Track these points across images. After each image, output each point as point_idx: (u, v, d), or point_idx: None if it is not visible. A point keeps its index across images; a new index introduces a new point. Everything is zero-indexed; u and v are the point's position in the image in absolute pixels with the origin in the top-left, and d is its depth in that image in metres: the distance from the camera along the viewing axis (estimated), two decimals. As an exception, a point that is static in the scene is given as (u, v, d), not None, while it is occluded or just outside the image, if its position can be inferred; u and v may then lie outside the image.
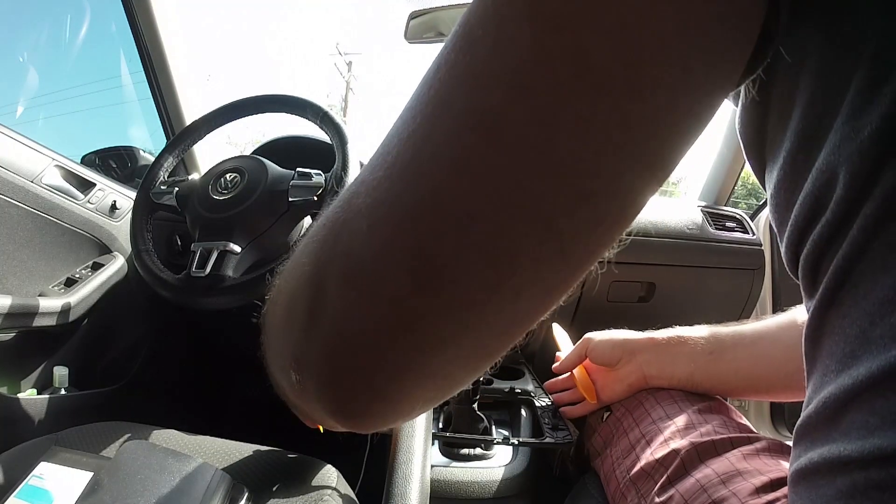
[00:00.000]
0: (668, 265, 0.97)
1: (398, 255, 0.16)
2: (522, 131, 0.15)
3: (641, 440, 0.50)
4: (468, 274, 0.16)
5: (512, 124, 0.15)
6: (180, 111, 1.04)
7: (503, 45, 0.15)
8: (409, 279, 0.16)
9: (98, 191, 0.90)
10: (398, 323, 0.17)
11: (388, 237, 0.17)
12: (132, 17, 0.97)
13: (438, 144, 0.16)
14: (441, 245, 0.16)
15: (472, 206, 0.16)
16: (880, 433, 0.17)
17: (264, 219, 0.71)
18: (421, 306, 0.17)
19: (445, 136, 0.16)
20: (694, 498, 0.40)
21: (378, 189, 0.17)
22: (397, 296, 0.17)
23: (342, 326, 0.18)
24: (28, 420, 0.77)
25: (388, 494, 0.44)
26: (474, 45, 0.16)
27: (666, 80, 0.15)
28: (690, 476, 0.42)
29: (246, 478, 0.53)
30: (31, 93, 1.11)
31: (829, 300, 0.20)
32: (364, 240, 0.17)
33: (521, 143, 0.15)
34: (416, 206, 0.16)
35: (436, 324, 0.17)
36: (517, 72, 0.15)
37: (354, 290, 0.17)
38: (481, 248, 0.16)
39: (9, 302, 0.73)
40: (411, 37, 0.89)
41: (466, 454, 0.63)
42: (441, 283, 0.16)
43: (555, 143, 0.15)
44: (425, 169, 0.16)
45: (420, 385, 0.19)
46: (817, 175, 0.19)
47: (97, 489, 0.43)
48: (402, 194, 0.16)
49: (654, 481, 0.45)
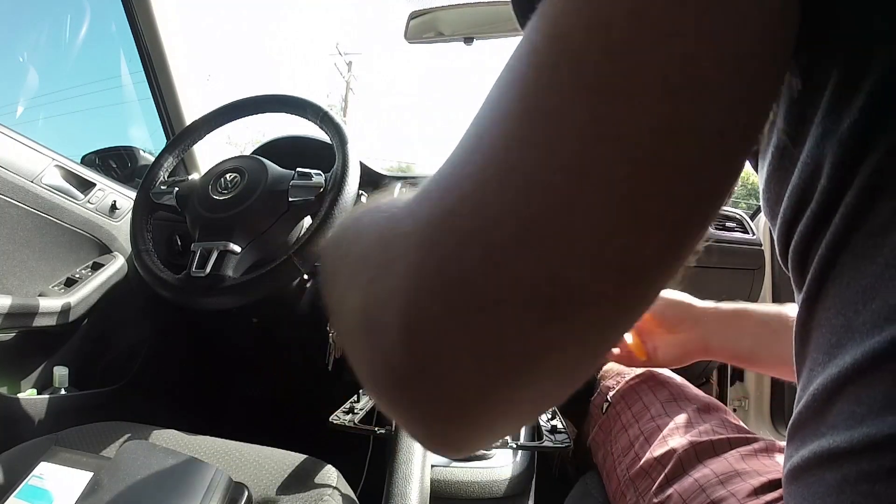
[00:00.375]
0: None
1: (527, 285, 0.14)
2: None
3: (640, 437, 0.50)
4: (604, 296, 0.14)
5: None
6: (180, 111, 1.05)
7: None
8: (542, 310, 0.14)
9: (98, 191, 0.90)
10: (523, 364, 0.15)
11: (511, 263, 0.14)
12: (132, 17, 0.97)
13: (570, 152, 0.14)
14: (580, 267, 0.14)
15: (609, 220, 0.14)
16: (868, 422, 0.17)
17: (264, 219, 0.71)
18: (553, 337, 0.14)
19: (579, 143, 0.14)
20: (692, 498, 0.40)
21: (489, 207, 0.14)
22: (524, 330, 0.14)
23: (450, 381, 0.15)
24: (28, 420, 0.77)
25: (388, 494, 0.44)
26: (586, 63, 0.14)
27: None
28: (689, 476, 0.42)
29: (246, 478, 0.53)
30: (31, 93, 1.11)
31: (816, 292, 0.20)
32: (479, 268, 0.14)
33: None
34: (547, 226, 0.14)
35: (564, 352, 0.15)
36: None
37: (468, 330, 0.14)
38: (618, 266, 0.14)
39: (9, 302, 0.73)
40: (411, 37, 0.89)
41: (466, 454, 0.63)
42: (577, 307, 0.14)
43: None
44: (555, 180, 0.14)
45: (526, 413, 0.18)
46: (803, 168, 0.20)
47: (97, 489, 0.43)
48: (524, 212, 0.14)
49: (652, 480, 0.45)
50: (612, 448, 0.53)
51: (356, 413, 0.64)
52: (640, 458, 0.48)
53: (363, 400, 0.68)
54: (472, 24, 0.87)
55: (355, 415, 0.63)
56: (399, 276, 0.16)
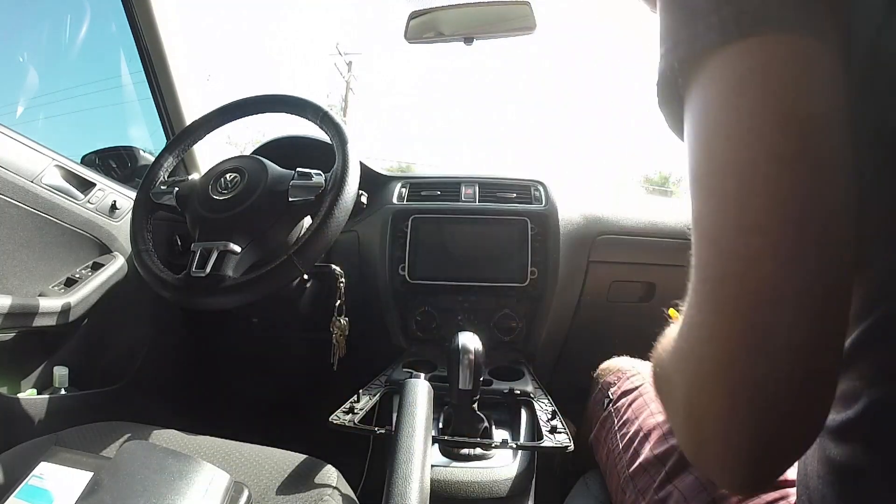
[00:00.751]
0: (668, 265, 0.97)
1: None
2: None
3: (640, 434, 0.50)
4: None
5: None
6: (180, 111, 1.04)
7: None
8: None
9: (98, 191, 0.90)
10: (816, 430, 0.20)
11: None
12: (132, 17, 0.97)
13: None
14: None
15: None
16: (839, 410, 0.22)
17: (264, 219, 0.71)
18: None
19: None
20: (694, 496, 0.40)
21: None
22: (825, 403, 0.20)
23: (782, 455, 0.20)
24: (28, 420, 0.77)
25: (388, 494, 0.44)
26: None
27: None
28: (690, 474, 0.42)
29: (246, 478, 0.53)
30: (31, 93, 1.11)
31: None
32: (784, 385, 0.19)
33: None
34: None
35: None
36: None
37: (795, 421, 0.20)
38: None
39: (9, 302, 0.73)
40: (411, 37, 0.89)
41: (466, 454, 0.63)
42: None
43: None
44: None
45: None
46: None
47: (97, 489, 0.43)
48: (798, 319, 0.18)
49: (652, 478, 0.45)
50: (613, 445, 0.53)
51: (356, 413, 0.64)
52: (641, 455, 0.48)
53: (363, 400, 0.68)
54: (472, 24, 0.87)
55: (355, 415, 0.63)
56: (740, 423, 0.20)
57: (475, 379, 0.62)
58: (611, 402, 0.59)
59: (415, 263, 0.93)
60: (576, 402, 0.76)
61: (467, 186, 1.01)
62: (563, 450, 0.57)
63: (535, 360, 0.94)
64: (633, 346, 0.76)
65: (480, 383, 0.64)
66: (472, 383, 0.62)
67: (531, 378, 0.79)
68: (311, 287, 0.90)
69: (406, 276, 0.93)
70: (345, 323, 0.81)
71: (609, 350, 0.75)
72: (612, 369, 0.67)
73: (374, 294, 0.96)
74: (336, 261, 0.90)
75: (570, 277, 0.96)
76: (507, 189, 1.00)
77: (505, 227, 0.94)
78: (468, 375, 0.61)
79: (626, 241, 0.96)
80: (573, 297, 0.99)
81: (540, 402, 0.70)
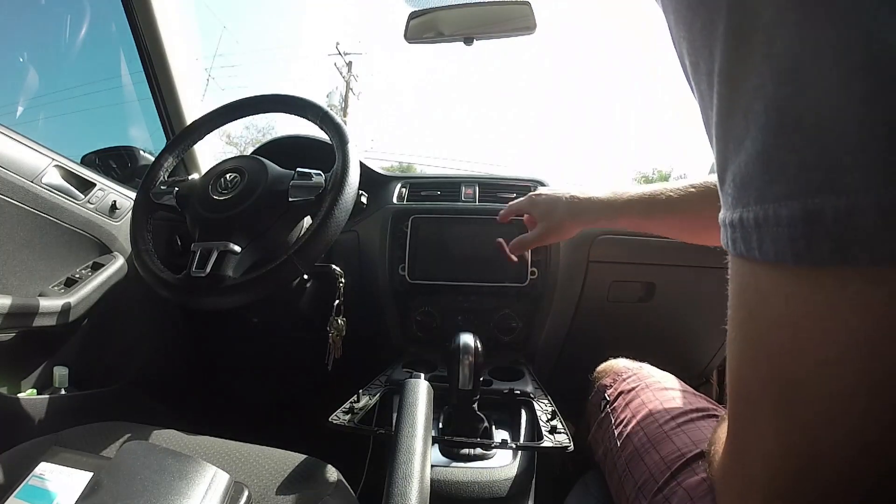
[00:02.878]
0: (668, 265, 0.97)
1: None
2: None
3: (639, 433, 0.50)
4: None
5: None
6: (180, 111, 1.05)
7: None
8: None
9: (98, 191, 0.90)
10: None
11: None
12: (132, 17, 0.97)
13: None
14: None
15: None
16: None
17: (264, 219, 0.71)
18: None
19: None
20: (695, 495, 0.40)
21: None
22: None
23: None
24: (28, 420, 0.77)
25: (388, 494, 0.44)
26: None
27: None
28: (694, 473, 0.42)
29: (246, 478, 0.53)
30: (31, 93, 1.11)
31: None
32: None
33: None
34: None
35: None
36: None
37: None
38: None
39: (9, 302, 0.73)
40: (411, 37, 0.88)
41: (467, 454, 0.63)
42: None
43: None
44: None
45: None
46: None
47: (97, 489, 0.43)
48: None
49: (652, 477, 0.45)
50: (610, 446, 0.53)
51: (356, 413, 0.64)
52: (641, 455, 0.48)
53: (363, 400, 0.68)
54: (472, 24, 0.86)
55: (355, 415, 0.63)
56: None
57: (475, 379, 0.62)
58: (608, 404, 0.59)
59: (415, 263, 0.94)
60: (576, 402, 0.76)
61: (467, 186, 1.01)
62: (563, 450, 0.57)
63: (534, 360, 0.94)
64: (633, 345, 0.76)
65: (480, 383, 0.64)
66: (472, 383, 0.62)
67: (531, 378, 0.79)
68: (311, 287, 0.90)
69: (406, 277, 0.93)
70: (342, 323, 0.81)
71: (609, 350, 0.75)
72: (609, 371, 0.67)
73: (374, 294, 0.96)
74: (336, 261, 0.90)
75: (569, 277, 0.96)
76: (507, 189, 1.00)
77: (505, 227, 0.94)
78: (468, 376, 0.61)
79: (625, 240, 0.96)
80: (573, 298, 0.99)
81: (540, 402, 0.70)
